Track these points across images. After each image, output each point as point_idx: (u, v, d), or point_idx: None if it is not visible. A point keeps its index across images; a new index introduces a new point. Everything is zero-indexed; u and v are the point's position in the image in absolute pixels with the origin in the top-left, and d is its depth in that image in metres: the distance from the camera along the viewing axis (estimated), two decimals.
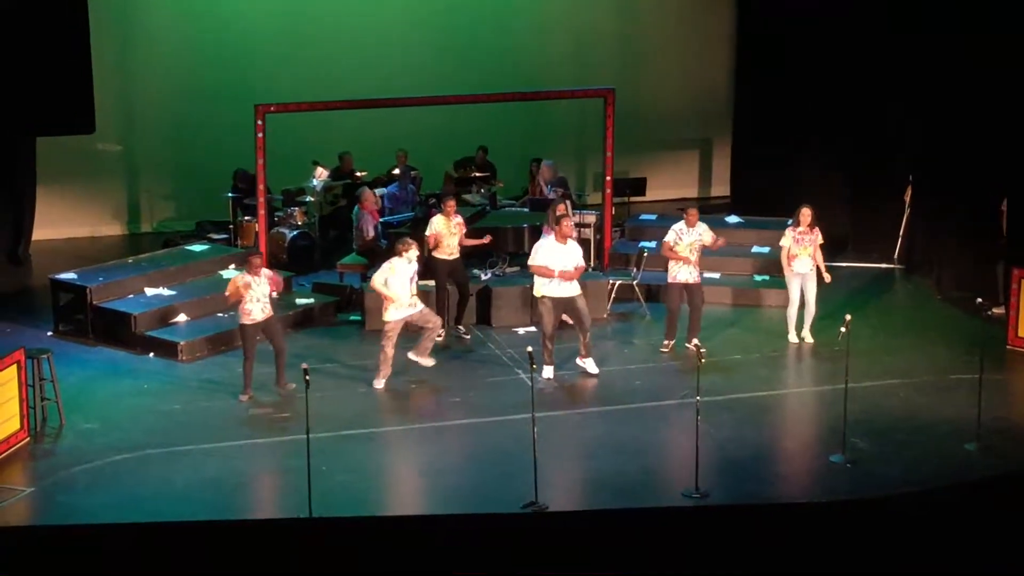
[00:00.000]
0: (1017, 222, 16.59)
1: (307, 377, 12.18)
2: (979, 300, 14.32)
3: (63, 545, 10.98)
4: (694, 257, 15.34)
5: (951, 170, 17.34)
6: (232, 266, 17.59)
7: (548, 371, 14.67)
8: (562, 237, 14.60)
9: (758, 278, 17.78)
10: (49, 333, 16.23)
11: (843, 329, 13.12)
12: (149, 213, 21.18)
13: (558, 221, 14.88)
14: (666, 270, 15.62)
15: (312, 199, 19.33)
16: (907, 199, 18.57)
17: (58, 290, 16.47)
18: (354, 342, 16.07)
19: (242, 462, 12.77)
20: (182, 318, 16.18)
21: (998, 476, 12.40)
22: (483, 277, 17.08)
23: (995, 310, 16.00)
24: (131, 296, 16.44)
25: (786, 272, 15.62)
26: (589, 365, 14.71)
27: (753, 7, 21.52)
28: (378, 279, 14.41)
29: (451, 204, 16.02)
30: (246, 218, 18.93)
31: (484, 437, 13.39)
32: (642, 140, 21.90)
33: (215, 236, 19.39)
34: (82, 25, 16.88)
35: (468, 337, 16.05)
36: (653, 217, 19.87)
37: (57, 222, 20.41)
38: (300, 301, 17.00)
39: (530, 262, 14.75)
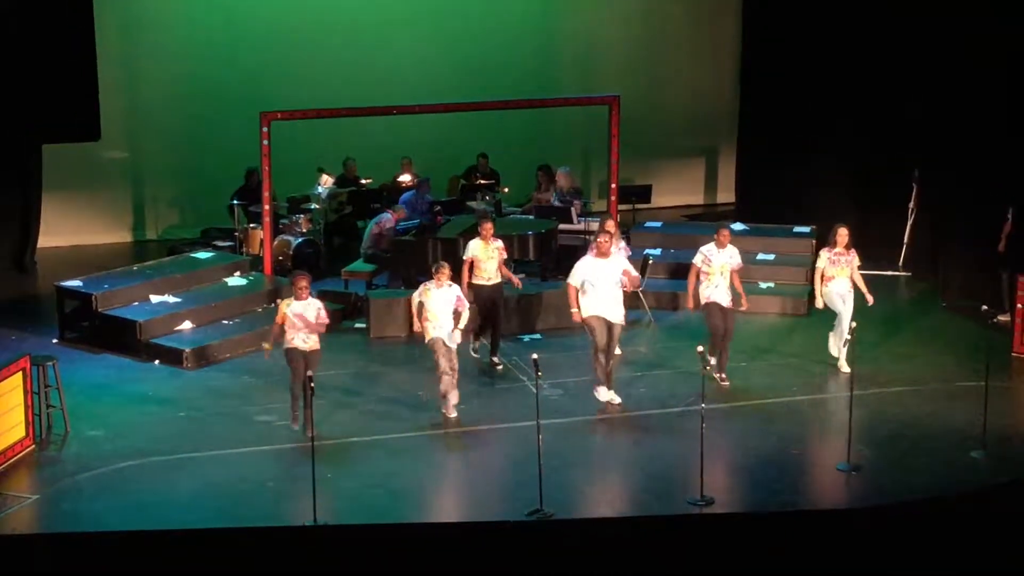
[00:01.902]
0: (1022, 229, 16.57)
1: (312, 384, 12.21)
2: (984, 307, 14.31)
3: (68, 552, 10.97)
4: (725, 281, 14.51)
5: (956, 177, 17.33)
6: (238, 273, 17.62)
7: (603, 392, 14.01)
8: (600, 253, 13.93)
9: (763, 285, 17.75)
10: (55, 340, 16.23)
11: (848, 336, 13.10)
12: (154, 220, 21.21)
13: (597, 236, 14.21)
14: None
15: (317, 206, 19.35)
16: (912, 205, 18.56)
17: (64, 297, 16.49)
18: (359, 349, 16.07)
19: (247, 469, 12.76)
20: (187, 325, 16.18)
21: (1004, 484, 12.39)
22: None
23: (1000, 317, 16.01)
24: (136, 303, 16.44)
25: (823, 292, 14.77)
26: (602, 394, 14.02)
27: (758, 14, 21.52)
28: (414, 297, 13.95)
29: (488, 227, 15.20)
30: (251, 225, 18.95)
31: (489, 444, 13.38)
32: (647, 147, 21.90)
33: (220, 243, 19.40)
34: (87, 33, 16.92)
35: (500, 368, 15.22)
36: (658, 224, 19.88)
37: (63, 229, 20.43)
38: None
39: (568, 280, 14.12)
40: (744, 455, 13.08)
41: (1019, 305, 15.34)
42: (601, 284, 13.87)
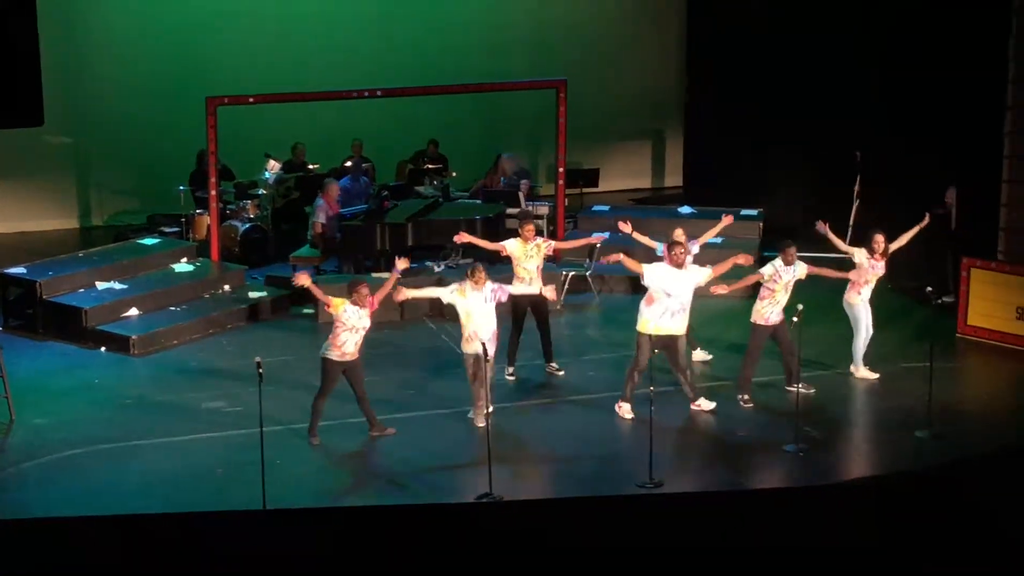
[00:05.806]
0: (965, 213, 16.73)
1: (260, 370, 12.16)
2: (929, 289, 14.45)
3: (14, 540, 10.88)
4: (787, 298, 13.79)
5: (900, 160, 17.47)
6: (184, 259, 17.51)
7: (627, 408, 13.49)
8: (676, 263, 13.29)
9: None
10: None
11: (795, 319, 13.19)
12: (100, 207, 21.05)
13: (671, 247, 13.44)
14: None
15: (265, 192, 19.26)
16: (856, 188, 18.67)
17: (7, 284, 16.34)
18: (307, 335, 16.01)
19: (196, 456, 12.72)
20: (134, 312, 16.07)
21: (948, 463, 12.53)
22: (436, 269, 17.10)
23: (945, 298, 16.16)
24: (82, 290, 16.32)
25: (852, 300, 14.44)
26: (704, 404, 13.61)
27: None
28: (444, 291, 13.31)
29: (530, 228, 14.42)
30: (198, 211, 18.84)
31: (439, 429, 13.38)
32: (595, 131, 21.95)
33: (167, 229, 19.28)
34: (29, 15, 16.72)
35: (562, 372, 14.60)
36: (606, 208, 19.93)
37: (6, 216, 20.26)
38: (253, 294, 16.94)
39: (646, 281, 13.36)
40: (693, 437, 13.15)
41: (963, 287, 15.54)
42: (677, 296, 13.28)
